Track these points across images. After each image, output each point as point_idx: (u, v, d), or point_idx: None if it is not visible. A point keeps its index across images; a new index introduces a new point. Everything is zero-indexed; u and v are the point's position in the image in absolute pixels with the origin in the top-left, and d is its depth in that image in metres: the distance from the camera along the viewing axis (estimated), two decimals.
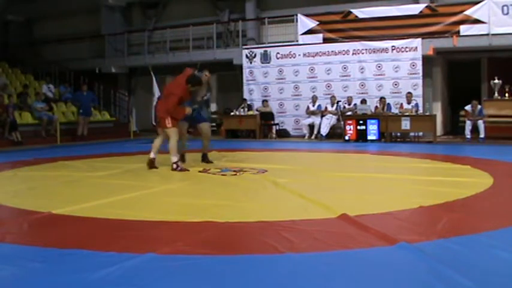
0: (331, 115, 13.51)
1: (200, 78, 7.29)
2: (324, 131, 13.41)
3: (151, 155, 7.23)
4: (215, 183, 6.06)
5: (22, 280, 2.72)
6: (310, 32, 14.72)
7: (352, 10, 14.22)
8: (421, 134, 12.99)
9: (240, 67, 15.61)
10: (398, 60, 13.51)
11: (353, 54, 14.04)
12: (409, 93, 12.89)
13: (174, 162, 6.96)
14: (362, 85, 14.00)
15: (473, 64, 14.24)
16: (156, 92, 15.32)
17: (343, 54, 14.16)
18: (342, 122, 12.97)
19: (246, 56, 15.42)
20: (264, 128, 14.68)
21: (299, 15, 14.85)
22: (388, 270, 2.82)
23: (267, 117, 14.72)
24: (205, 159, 7.95)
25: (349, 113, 13.25)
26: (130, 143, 13.48)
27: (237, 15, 16.95)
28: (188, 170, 6.94)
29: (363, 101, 13.35)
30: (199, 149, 8.05)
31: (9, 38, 19.93)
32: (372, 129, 12.37)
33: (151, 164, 7.20)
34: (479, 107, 12.22)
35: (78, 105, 14.66)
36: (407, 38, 13.38)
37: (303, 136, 14.14)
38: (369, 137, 12.36)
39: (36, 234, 3.83)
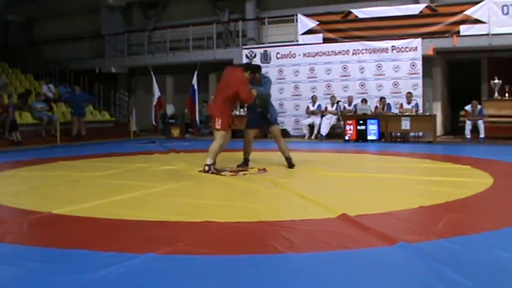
0: (331, 115, 13.51)
1: (257, 65, 7.07)
2: (324, 131, 13.41)
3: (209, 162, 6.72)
4: (215, 183, 6.06)
5: (22, 280, 2.72)
6: (310, 32, 14.73)
7: (352, 10, 14.23)
8: (421, 134, 13.00)
9: None
10: (398, 60, 13.51)
11: (353, 54, 14.04)
12: (409, 93, 12.89)
13: (207, 164, 6.64)
14: (362, 85, 14.00)
15: (473, 64, 14.24)
16: (156, 92, 15.34)
17: (343, 54, 14.16)
18: (342, 122, 12.97)
19: (246, 56, 15.42)
20: (264, 128, 14.64)
21: (299, 15, 14.85)
22: (388, 270, 2.82)
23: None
24: (288, 163, 7.25)
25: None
26: (130, 143, 13.48)
27: (237, 15, 16.96)
28: (221, 174, 6.55)
29: (364, 101, 13.35)
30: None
31: (9, 38, 19.94)
32: (372, 129, 12.37)
33: (216, 172, 6.69)
34: (479, 107, 12.23)
35: (72, 106, 14.65)
36: (407, 38, 13.39)
37: (303, 136, 14.14)
38: (369, 137, 12.36)
39: (36, 234, 3.83)
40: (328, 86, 14.38)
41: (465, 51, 13.65)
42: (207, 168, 6.62)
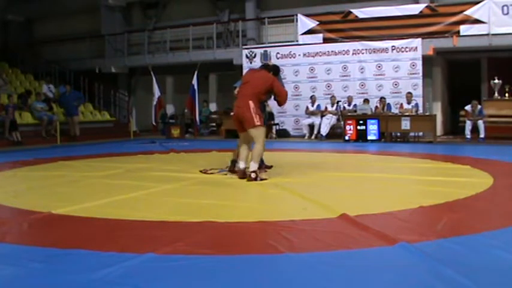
0: (331, 115, 13.51)
1: (277, 66, 6.72)
2: (324, 131, 13.41)
3: (241, 165, 6.24)
4: (215, 183, 6.05)
5: (22, 280, 2.72)
6: (310, 32, 14.73)
7: (352, 10, 14.23)
8: (421, 134, 13.00)
9: (240, 67, 15.59)
10: (398, 60, 13.51)
11: (353, 54, 14.05)
12: (409, 93, 12.90)
13: (253, 171, 5.91)
14: (362, 85, 14.01)
15: (473, 64, 14.24)
16: (156, 92, 15.34)
17: (343, 54, 14.17)
18: (342, 122, 12.98)
19: (246, 56, 15.42)
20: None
21: (299, 15, 14.86)
22: (388, 270, 2.82)
23: (267, 117, 14.70)
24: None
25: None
26: (130, 143, 13.48)
27: (237, 15, 16.97)
28: (266, 179, 6.02)
29: (366, 101, 13.36)
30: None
31: (9, 38, 19.94)
32: (372, 129, 12.37)
33: (241, 174, 6.21)
34: (479, 107, 12.23)
35: (63, 106, 14.63)
36: (407, 38, 13.39)
37: (303, 136, 14.14)
38: (369, 137, 12.36)
39: (36, 234, 3.83)
40: (328, 86, 14.39)
41: (465, 51, 13.66)
42: (253, 175, 5.88)
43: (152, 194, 5.26)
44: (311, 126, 13.99)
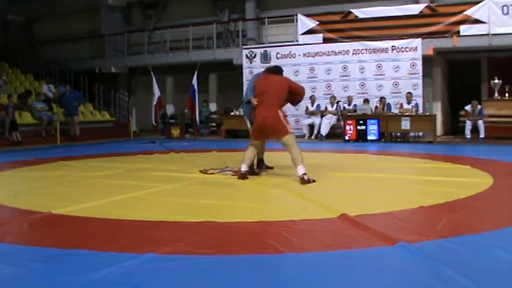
0: (331, 115, 13.52)
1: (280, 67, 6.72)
2: (324, 131, 13.41)
3: (244, 168, 6.24)
4: (215, 183, 6.05)
5: (22, 280, 2.72)
6: (310, 32, 14.72)
7: (352, 10, 14.22)
8: (421, 134, 13.00)
9: (240, 67, 15.60)
10: (398, 60, 13.51)
11: (353, 54, 14.04)
12: (409, 93, 12.89)
13: (304, 174, 5.80)
14: (362, 85, 14.00)
15: (473, 64, 14.24)
16: (157, 92, 15.35)
17: (343, 54, 14.16)
18: (342, 122, 12.97)
19: (246, 56, 15.42)
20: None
21: (299, 15, 14.85)
22: (388, 270, 2.82)
23: None
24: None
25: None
26: (130, 143, 13.48)
27: (237, 15, 16.96)
28: (314, 181, 5.85)
29: (366, 101, 13.36)
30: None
31: (9, 38, 19.94)
32: (372, 129, 12.37)
33: (242, 176, 6.19)
34: (479, 107, 12.23)
35: (63, 106, 14.64)
36: (407, 38, 13.38)
37: (303, 136, 14.12)
38: (369, 137, 12.36)
39: (36, 234, 3.83)
40: (328, 86, 14.38)
41: (465, 51, 13.65)
42: (306, 178, 5.77)
43: (152, 194, 5.26)
44: (311, 126, 13.99)
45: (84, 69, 17.80)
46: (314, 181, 5.82)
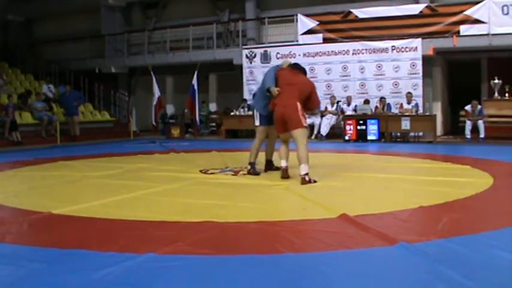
0: (331, 115, 13.52)
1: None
2: (324, 131, 13.42)
3: (284, 164, 6.26)
4: (215, 183, 6.05)
5: (22, 280, 2.72)
6: (310, 32, 14.73)
7: (352, 10, 14.23)
8: (421, 134, 13.00)
9: (240, 67, 15.61)
10: (398, 60, 13.51)
11: (353, 54, 14.05)
12: (409, 93, 12.90)
13: (306, 173, 5.78)
14: (362, 85, 14.01)
15: (473, 64, 14.24)
16: (157, 92, 15.35)
17: (343, 54, 14.17)
18: (342, 122, 12.98)
19: (246, 56, 15.42)
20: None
21: (299, 15, 14.85)
22: (388, 270, 2.82)
23: None
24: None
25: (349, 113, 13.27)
26: (130, 143, 13.47)
27: (237, 15, 16.96)
28: (315, 181, 5.83)
29: (366, 101, 13.36)
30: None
31: (9, 38, 19.94)
32: (372, 129, 12.37)
33: (286, 174, 6.22)
34: (479, 107, 12.23)
35: (64, 106, 14.64)
36: (407, 38, 13.39)
37: None
38: (369, 137, 12.37)
39: (36, 234, 3.83)
40: (328, 86, 14.39)
41: (465, 51, 13.65)
42: (307, 178, 5.76)
43: (152, 194, 5.25)
44: (311, 126, 13.97)
45: (84, 69, 17.80)
46: (315, 181, 5.80)
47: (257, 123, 6.67)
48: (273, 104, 6.24)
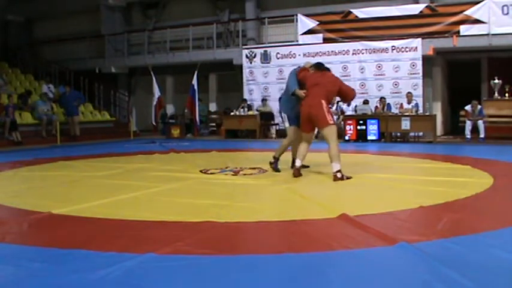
0: None
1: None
2: None
3: (298, 163, 6.37)
4: (215, 183, 6.05)
5: (22, 280, 2.72)
6: (310, 32, 14.73)
7: (352, 10, 14.23)
8: (421, 134, 13.00)
9: (240, 67, 15.61)
10: (398, 60, 13.51)
11: (353, 54, 14.05)
12: (409, 93, 12.90)
13: (338, 171, 5.90)
14: (362, 85, 14.00)
15: (473, 64, 14.24)
16: (156, 92, 15.35)
17: (343, 54, 14.17)
18: (342, 122, 12.97)
19: (246, 56, 15.42)
20: (264, 128, 14.69)
21: (299, 15, 14.85)
22: (388, 270, 2.82)
23: (266, 117, 14.73)
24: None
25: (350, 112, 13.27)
26: (130, 143, 13.48)
27: (237, 15, 16.96)
28: (349, 178, 5.98)
29: (366, 101, 13.36)
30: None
31: (9, 38, 19.94)
32: (372, 129, 12.37)
33: (298, 173, 6.31)
34: (479, 107, 12.23)
35: (63, 106, 14.63)
36: (407, 38, 13.39)
37: None
38: (369, 137, 12.37)
39: (36, 234, 3.83)
40: None
41: (465, 51, 13.66)
42: (339, 175, 5.87)
43: (152, 194, 5.26)
44: None
45: (84, 69, 17.80)
46: (348, 178, 5.94)
47: (287, 124, 6.97)
48: (300, 106, 6.43)
